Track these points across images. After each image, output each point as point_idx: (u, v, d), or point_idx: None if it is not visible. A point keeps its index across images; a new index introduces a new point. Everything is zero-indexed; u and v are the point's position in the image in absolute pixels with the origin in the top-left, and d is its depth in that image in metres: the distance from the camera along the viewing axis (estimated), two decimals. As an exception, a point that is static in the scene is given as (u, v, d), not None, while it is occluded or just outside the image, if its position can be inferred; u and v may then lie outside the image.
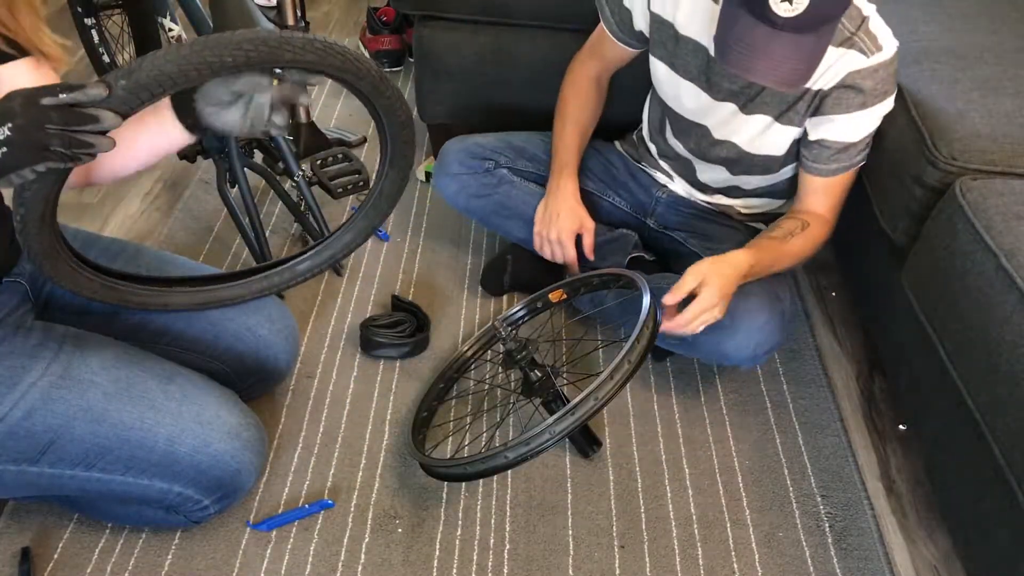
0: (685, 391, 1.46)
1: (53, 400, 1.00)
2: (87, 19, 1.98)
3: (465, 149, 1.54)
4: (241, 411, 1.13)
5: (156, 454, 1.04)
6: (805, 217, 1.32)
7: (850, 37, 1.17)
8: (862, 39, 1.17)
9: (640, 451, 1.35)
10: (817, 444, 1.38)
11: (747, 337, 1.28)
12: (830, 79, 1.20)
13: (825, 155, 1.27)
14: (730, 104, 1.30)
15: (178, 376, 1.10)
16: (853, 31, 1.17)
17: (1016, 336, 0.99)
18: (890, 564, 1.21)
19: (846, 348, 1.57)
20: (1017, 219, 1.08)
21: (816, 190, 1.32)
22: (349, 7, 2.82)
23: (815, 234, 1.31)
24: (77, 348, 1.04)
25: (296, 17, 1.76)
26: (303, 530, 1.21)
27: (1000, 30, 1.47)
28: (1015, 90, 1.30)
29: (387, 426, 1.37)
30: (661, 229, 1.52)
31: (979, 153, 1.21)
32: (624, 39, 1.40)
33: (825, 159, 1.27)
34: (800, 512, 1.27)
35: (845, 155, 1.26)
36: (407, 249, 1.74)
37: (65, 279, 1.02)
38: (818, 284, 1.72)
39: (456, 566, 1.18)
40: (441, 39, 1.75)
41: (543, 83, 1.59)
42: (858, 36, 1.17)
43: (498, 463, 1.10)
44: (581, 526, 1.23)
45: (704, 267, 1.20)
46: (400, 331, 1.49)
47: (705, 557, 1.20)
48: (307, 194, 1.64)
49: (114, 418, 1.02)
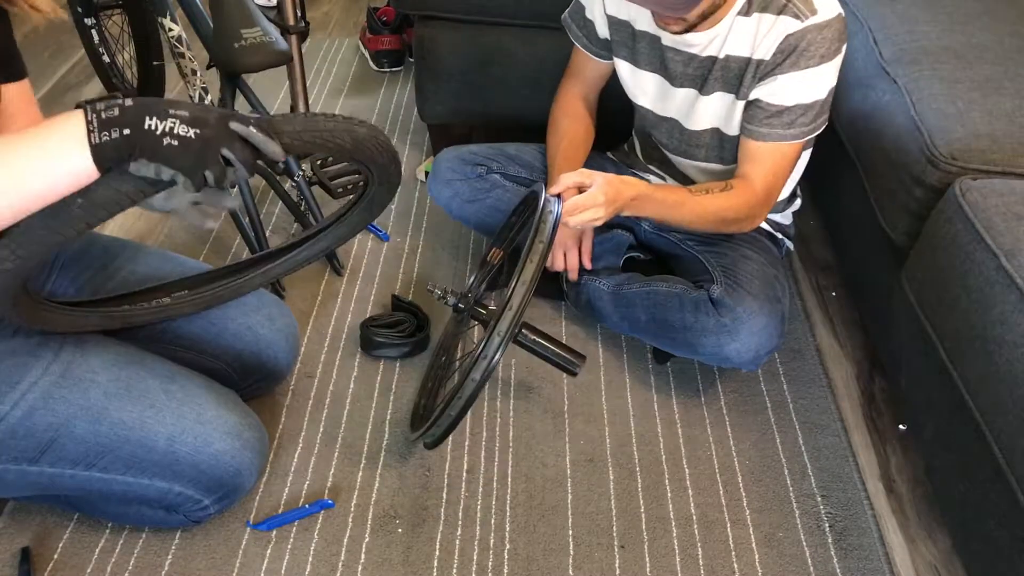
0: (685, 391, 1.46)
1: (54, 399, 1.00)
2: (87, 19, 1.99)
3: (458, 156, 1.55)
4: (241, 411, 1.13)
5: (156, 453, 1.04)
6: (733, 181, 1.32)
7: (785, 4, 1.20)
8: (796, 5, 1.19)
9: (640, 451, 1.35)
10: (817, 444, 1.38)
11: (748, 340, 1.29)
12: (769, 46, 1.22)
13: (759, 116, 1.27)
14: (690, 90, 1.33)
15: (179, 376, 1.10)
16: None
17: (1016, 336, 0.99)
18: (890, 564, 1.21)
19: (846, 348, 1.57)
20: (1017, 219, 1.08)
21: (749, 156, 1.31)
22: (349, 7, 2.82)
23: (736, 199, 1.30)
24: (78, 348, 1.04)
25: (296, 17, 1.76)
26: (303, 530, 1.21)
27: (1000, 30, 1.47)
28: (1015, 90, 1.30)
29: (387, 426, 1.37)
30: (656, 231, 1.53)
31: (979, 153, 1.21)
32: (595, 51, 1.44)
33: (758, 121, 1.27)
34: (800, 512, 1.27)
35: (778, 120, 1.25)
36: (407, 249, 1.74)
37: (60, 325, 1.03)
38: (818, 284, 1.72)
39: (456, 566, 1.18)
40: (441, 39, 1.76)
41: (543, 83, 1.60)
42: (792, 2, 1.19)
43: (471, 389, 1.09)
44: (581, 526, 1.23)
45: (598, 173, 1.23)
46: (400, 331, 1.49)
47: (705, 557, 1.21)
48: (307, 194, 1.64)
49: (114, 417, 1.02)
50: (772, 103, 1.25)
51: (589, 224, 1.23)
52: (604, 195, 1.21)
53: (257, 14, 1.44)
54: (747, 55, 1.25)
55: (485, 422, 1.38)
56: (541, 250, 1.11)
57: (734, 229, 1.37)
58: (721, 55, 1.27)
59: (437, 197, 1.57)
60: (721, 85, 1.30)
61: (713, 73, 1.29)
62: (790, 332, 1.56)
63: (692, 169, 1.46)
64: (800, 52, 1.20)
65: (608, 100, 1.53)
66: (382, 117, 2.18)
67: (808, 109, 1.24)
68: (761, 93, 1.26)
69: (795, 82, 1.22)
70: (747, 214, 1.32)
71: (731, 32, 1.24)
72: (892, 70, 1.40)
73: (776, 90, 1.24)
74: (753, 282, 1.32)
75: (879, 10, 1.57)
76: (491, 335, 1.08)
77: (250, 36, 1.40)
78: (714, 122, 1.35)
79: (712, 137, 1.37)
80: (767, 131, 1.27)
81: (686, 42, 1.26)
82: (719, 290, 1.31)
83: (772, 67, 1.23)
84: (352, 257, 1.71)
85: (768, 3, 1.21)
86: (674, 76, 1.34)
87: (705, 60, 1.28)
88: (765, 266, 1.37)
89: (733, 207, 1.30)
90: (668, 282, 1.40)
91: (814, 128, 1.27)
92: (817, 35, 1.19)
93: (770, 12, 1.21)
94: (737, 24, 1.23)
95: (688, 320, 1.33)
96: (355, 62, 2.46)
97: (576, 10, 1.43)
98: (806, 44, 1.19)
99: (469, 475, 1.30)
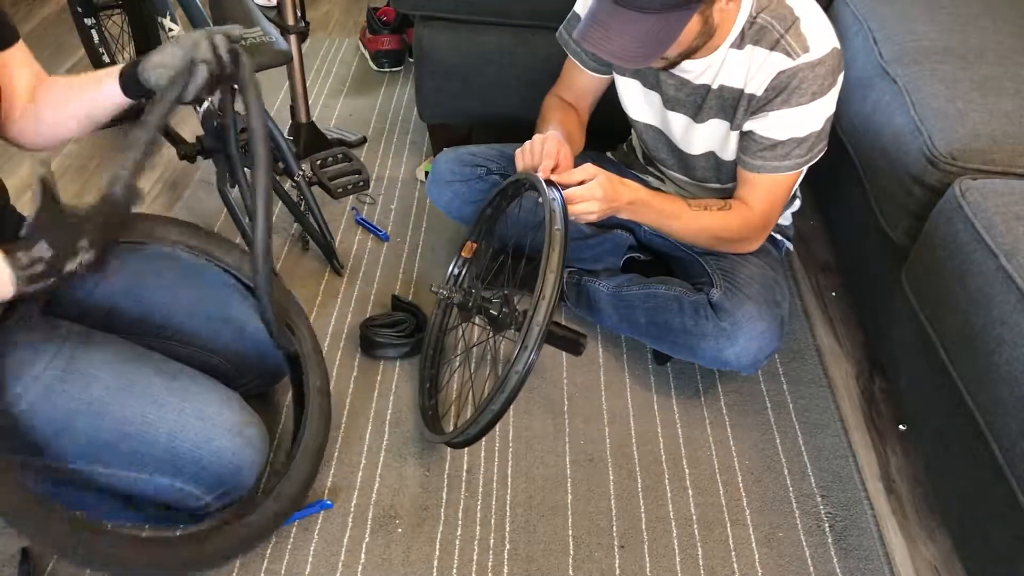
0: (685, 391, 1.46)
1: (56, 394, 1.00)
2: (87, 19, 1.98)
3: (458, 158, 1.54)
4: (243, 409, 1.13)
5: (158, 449, 1.04)
6: (732, 202, 1.33)
7: (778, 40, 1.19)
8: (788, 42, 1.18)
9: (640, 451, 1.35)
10: (817, 444, 1.38)
11: (748, 344, 1.29)
12: (761, 81, 1.21)
13: (752, 148, 1.27)
14: (682, 115, 1.33)
15: (180, 373, 1.10)
16: (782, 33, 1.19)
17: (1016, 336, 0.99)
18: (890, 564, 1.21)
19: (846, 348, 1.57)
20: (1017, 219, 1.08)
21: (746, 183, 1.32)
22: (349, 7, 2.82)
23: (733, 219, 1.31)
24: (80, 344, 1.05)
25: (296, 17, 1.76)
26: (303, 530, 1.21)
27: (1000, 30, 1.47)
28: (1015, 90, 1.30)
29: (387, 426, 1.37)
30: (656, 232, 1.53)
31: (979, 153, 1.21)
32: (593, 66, 1.42)
33: (752, 153, 1.28)
34: (800, 512, 1.27)
35: (772, 153, 1.26)
36: (407, 249, 1.74)
37: None
38: (818, 284, 1.72)
39: (456, 566, 1.18)
40: (441, 39, 1.76)
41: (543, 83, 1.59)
42: (785, 39, 1.19)
43: (513, 382, 1.10)
44: (581, 526, 1.23)
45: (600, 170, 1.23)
46: (400, 331, 1.49)
47: (705, 557, 1.20)
48: (307, 194, 1.64)
49: (116, 413, 1.02)
50: (765, 136, 1.25)
51: (582, 217, 1.23)
52: (602, 191, 1.21)
53: (257, 14, 1.44)
54: (740, 87, 1.25)
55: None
56: (560, 237, 1.12)
57: (729, 249, 1.37)
58: (715, 85, 1.26)
59: (437, 199, 1.57)
60: (716, 113, 1.30)
61: (708, 102, 1.29)
62: (790, 332, 1.56)
63: (689, 184, 1.46)
64: (792, 90, 1.20)
65: (608, 99, 1.52)
66: (382, 117, 2.18)
67: (802, 142, 1.24)
68: (754, 126, 1.26)
69: (787, 119, 1.23)
70: (743, 236, 1.33)
71: (724, 63, 1.24)
72: (892, 70, 1.40)
73: (769, 125, 1.24)
74: (752, 286, 1.32)
75: (879, 10, 1.57)
76: (530, 325, 1.10)
77: (250, 36, 1.40)
78: (710, 147, 1.35)
79: (708, 160, 1.37)
80: (762, 163, 1.27)
81: (681, 68, 1.26)
82: (718, 294, 1.31)
83: (764, 103, 1.23)
84: (352, 257, 1.71)
85: (760, 37, 1.20)
86: (666, 98, 1.34)
87: (699, 88, 1.28)
88: (765, 269, 1.36)
89: (729, 227, 1.31)
90: (668, 284, 1.40)
91: (810, 158, 1.27)
92: (809, 73, 1.18)
93: (762, 46, 1.20)
94: (731, 56, 1.23)
95: (687, 324, 1.33)
96: (355, 62, 2.46)
97: (572, 24, 1.41)
98: (798, 82, 1.19)
99: (469, 475, 1.30)
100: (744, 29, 1.21)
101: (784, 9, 1.19)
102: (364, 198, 1.88)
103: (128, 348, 1.09)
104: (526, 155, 1.29)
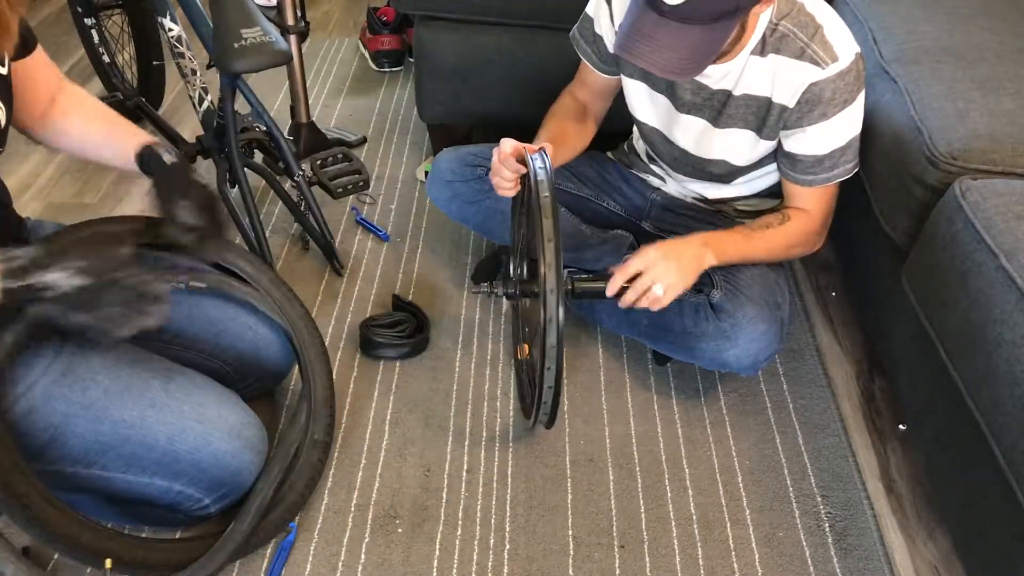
0: (685, 391, 1.46)
1: (54, 398, 1.00)
2: (87, 19, 1.99)
3: (458, 158, 1.54)
4: (242, 410, 1.13)
5: (157, 452, 1.04)
6: (788, 211, 1.32)
7: (803, 49, 1.18)
8: (815, 51, 1.17)
9: (640, 451, 1.35)
10: (817, 444, 1.38)
11: (747, 346, 1.29)
12: (792, 93, 1.20)
13: (800, 167, 1.28)
14: (698, 119, 1.31)
15: (179, 375, 1.10)
16: (806, 41, 1.17)
17: (1016, 336, 0.99)
18: (890, 564, 1.21)
19: (846, 348, 1.57)
20: (1017, 219, 1.08)
21: (797, 195, 1.32)
22: (349, 7, 2.82)
23: (795, 229, 1.31)
24: (79, 347, 1.04)
25: (296, 17, 1.76)
26: (303, 530, 1.21)
27: (1000, 30, 1.47)
28: (1015, 90, 1.30)
29: (387, 426, 1.37)
30: (658, 232, 1.52)
31: (979, 153, 1.21)
32: (604, 68, 1.41)
33: (801, 171, 1.28)
34: (800, 512, 1.27)
35: (820, 167, 1.26)
36: (407, 249, 1.74)
37: None
38: (818, 284, 1.72)
39: (456, 566, 1.18)
40: (441, 39, 1.76)
41: (543, 83, 1.59)
42: (811, 48, 1.17)
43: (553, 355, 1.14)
44: (581, 526, 1.23)
45: (651, 254, 1.23)
46: (400, 331, 1.49)
47: (705, 557, 1.21)
48: (307, 194, 1.64)
49: (115, 416, 1.02)
50: (810, 154, 1.25)
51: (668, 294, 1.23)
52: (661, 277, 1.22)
53: (257, 14, 1.44)
54: (766, 95, 1.23)
55: (485, 422, 1.38)
56: (549, 203, 1.13)
57: (797, 256, 1.40)
58: (737, 91, 1.25)
59: (437, 199, 1.57)
60: (740, 122, 1.28)
61: (728, 108, 1.27)
62: (790, 332, 1.56)
63: (693, 184, 1.46)
64: (827, 103, 1.19)
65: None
66: (382, 117, 2.18)
67: (846, 149, 1.25)
68: (795, 147, 1.26)
69: (825, 132, 1.23)
70: (804, 240, 1.34)
71: (746, 70, 1.22)
72: (892, 70, 1.40)
73: (809, 142, 1.24)
74: (753, 287, 1.31)
75: (879, 10, 1.57)
76: (545, 296, 1.11)
77: (250, 36, 1.40)
78: (725, 154, 1.34)
79: (719, 166, 1.36)
80: (812, 178, 1.28)
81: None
82: (719, 295, 1.31)
83: (798, 117, 1.22)
84: (352, 257, 1.71)
85: (782, 45, 1.18)
86: (681, 102, 1.31)
87: (718, 92, 1.26)
88: (766, 271, 1.36)
89: (798, 237, 1.33)
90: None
91: (857, 162, 1.28)
92: (840, 83, 1.18)
93: (786, 55, 1.18)
94: (752, 63, 1.21)
95: (688, 325, 1.33)
96: (355, 62, 2.46)
97: (584, 26, 1.39)
98: (831, 94, 1.19)
99: (469, 475, 1.30)
100: (765, 36, 1.19)
101: (805, 16, 1.18)
102: (364, 198, 1.88)
103: (126, 350, 1.09)
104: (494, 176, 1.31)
